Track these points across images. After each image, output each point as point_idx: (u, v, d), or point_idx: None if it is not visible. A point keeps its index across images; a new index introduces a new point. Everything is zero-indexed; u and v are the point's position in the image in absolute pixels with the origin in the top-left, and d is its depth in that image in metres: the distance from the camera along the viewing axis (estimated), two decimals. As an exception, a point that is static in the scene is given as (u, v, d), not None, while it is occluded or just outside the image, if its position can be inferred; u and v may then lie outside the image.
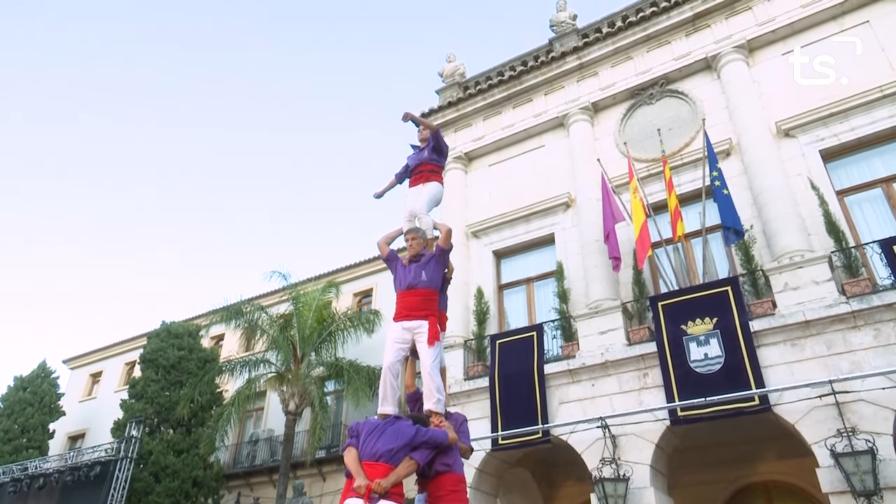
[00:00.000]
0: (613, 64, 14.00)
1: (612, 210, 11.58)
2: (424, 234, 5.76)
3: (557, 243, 13.12)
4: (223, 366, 18.70)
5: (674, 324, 10.14)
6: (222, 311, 18.10)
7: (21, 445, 21.83)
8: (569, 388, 11.05)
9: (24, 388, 23.34)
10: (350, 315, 18.41)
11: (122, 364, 27.66)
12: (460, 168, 15.39)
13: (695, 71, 13.06)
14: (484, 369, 12.17)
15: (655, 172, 12.29)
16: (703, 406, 9.33)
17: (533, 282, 13.38)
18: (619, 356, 10.66)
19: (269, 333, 17.99)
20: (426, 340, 5.15)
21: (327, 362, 17.84)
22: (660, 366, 10.10)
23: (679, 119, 12.78)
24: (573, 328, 11.70)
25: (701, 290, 10.29)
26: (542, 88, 14.78)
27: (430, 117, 15.83)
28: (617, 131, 13.49)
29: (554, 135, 14.48)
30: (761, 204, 10.84)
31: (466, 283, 13.74)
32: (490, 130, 15.26)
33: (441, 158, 6.44)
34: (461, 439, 4.97)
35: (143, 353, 20.53)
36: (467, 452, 5.01)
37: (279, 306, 20.66)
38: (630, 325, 11.21)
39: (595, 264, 12.01)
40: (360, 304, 21.95)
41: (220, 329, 21.11)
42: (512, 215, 13.84)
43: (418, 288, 5.35)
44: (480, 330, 12.79)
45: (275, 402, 20.56)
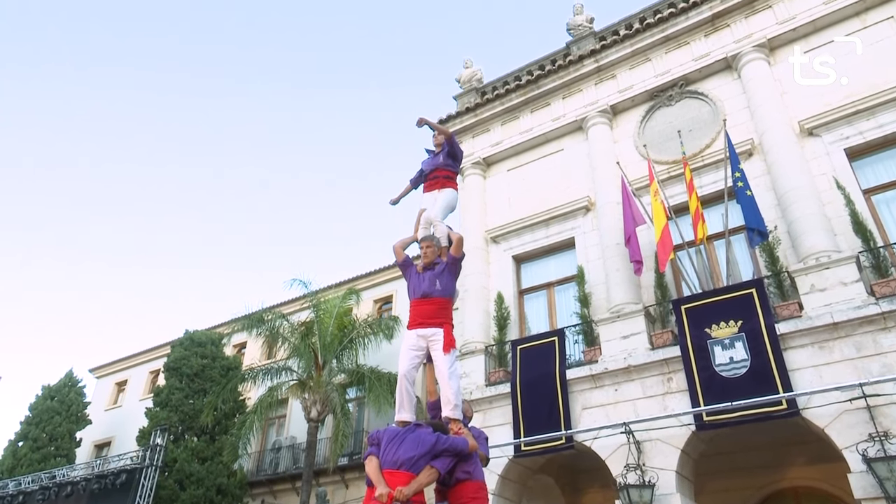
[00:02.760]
0: (632, 66, 13.92)
1: (632, 213, 11.52)
2: (439, 242, 5.76)
3: (578, 247, 13.06)
4: (245, 374, 18.83)
5: (698, 327, 10.04)
6: (244, 319, 18.24)
7: (49, 454, 22.18)
8: (591, 394, 10.98)
9: (52, 396, 23.73)
10: (370, 322, 18.46)
11: (146, 373, 27.99)
12: (479, 173, 15.39)
13: (715, 71, 12.94)
14: (505, 375, 12.13)
15: (676, 174, 12.19)
16: (730, 411, 9.23)
17: (553, 286, 13.33)
18: (643, 361, 10.58)
19: (291, 341, 18.10)
20: (441, 348, 5.17)
21: (348, 369, 17.90)
22: (684, 370, 10.01)
23: (699, 120, 12.67)
24: (595, 333, 11.64)
25: (725, 292, 10.19)
26: (560, 92, 14.75)
27: (447, 123, 15.87)
28: (636, 134, 13.41)
29: (573, 138, 14.43)
30: (785, 204, 10.70)
31: (486, 289, 13.72)
32: (508, 135, 15.25)
33: (456, 164, 6.45)
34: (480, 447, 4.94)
35: (166, 362, 20.77)
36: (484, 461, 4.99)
37: (300, 314, 20.77)
38: (653, 329, 11.11)
39: (616, 268, 11.93)
40: (381, 310, 22.02)
41: (243, 337, 21.27)
42: (531, 220, 13.81)
43: (433, 296, 5.39)
44: (501, 335, 12.76)
45: (297, 410, 20.65)
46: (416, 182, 6.73)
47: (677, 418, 9.82)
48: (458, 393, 5.12)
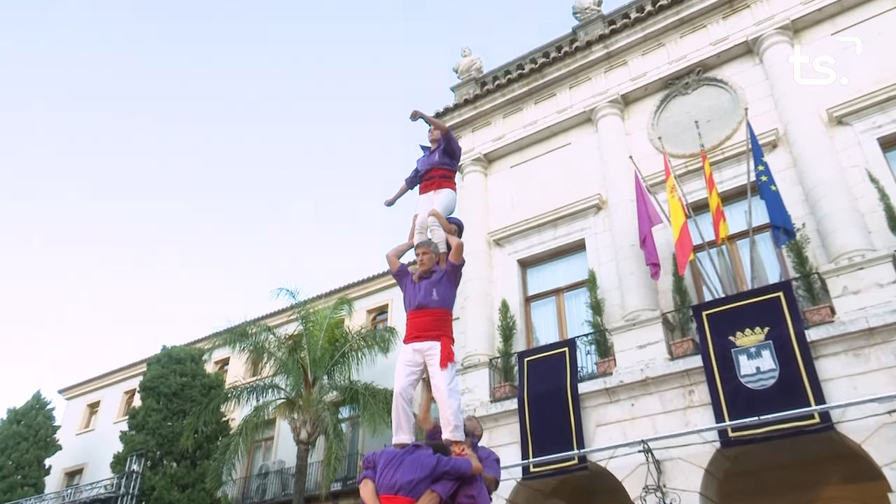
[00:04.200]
0: (644, 52, 13.94)
1: (647, 212, 11.51)
2: (437, 247, 5.74)
3: (589, 250, 13.04)
4: (229, 392, 18.80)
5: (721, 335, 10.01)
6: (226, 333, 18.20)
7: (16, 483, 22.11)
8: (606, 409, 10.95)
9: (18, 420, 23.66)
10: (364, 334, 18.43)
11: (121, 393, 27.92)
12: (479, 171, 15.39)
13: (734, 56, 12.94)
14: (512, 390, 12.09)
15: (694, 169, 12.18)
16: (757, 426, 9.19)
17: (563, 292, 13.30)
18: (661, 372, 10.55)
19: (278, 356, 18.06)
20: (439, 362, 5.15)
21: (341, 386, 17.86)
22: (706, 382, 9.98)
23: (718, 109, 12.67)
24: (609, 342, 11.61)
25: (749, 296, 10.16)
26: (567, 81, 14.75)
27: (444, 117, 15.87)
28: (650, 125, 13.41)
29: (581, 131, 14.43)
30: (814, 200, 10.69)
31: (490, 296, 13.70)
32: (511, 129, 15.25)
33: (453, 162, 6.44)
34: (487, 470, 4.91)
35: (143, 381, 20.73)
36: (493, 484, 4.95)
37: (287, 326, 20.74)
38: (672, 338, 11.08)
39: (631, 271, 11.91)
40: (375, 321, 21.98)
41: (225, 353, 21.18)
42: (537, 220, 13.79)
43: (430, 307, 5.38)
44: (506, 347, 12.73)
45: (285, 431, 20.57)
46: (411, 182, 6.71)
47: (700, 435, 9.78)
48: (458, 412, 5.09)
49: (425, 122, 6.48)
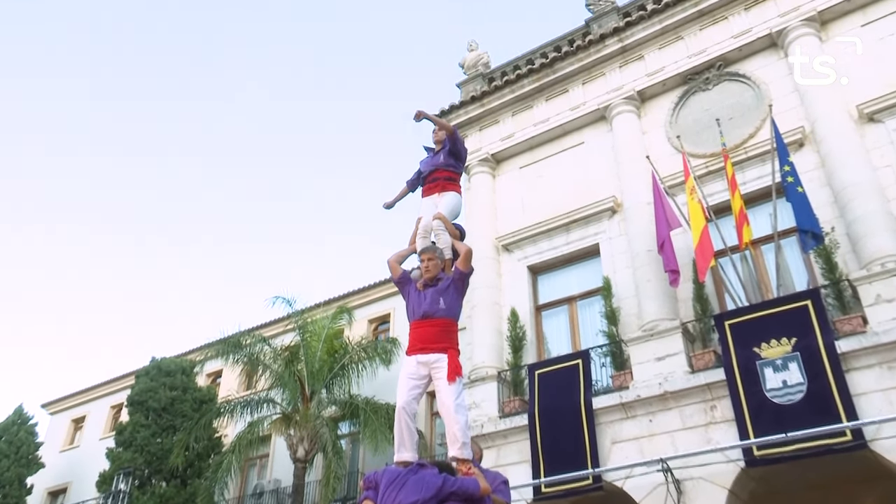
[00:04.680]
0: (661, 45, 13.94)
1: (665, 215, 11.50)
2: (442, 253, 5.73)
3: (603, 255, 13.03)
4: (221, 407, 18.79)
5: (744, 346, 9.98)
6: (219, 343, 18.21)
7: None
8: (622, 425, 10.92)
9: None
10: (365, 345, 18.42)
11: (107, 407, 27.95)
12: (487, 172, 15.40)
13: (758, 50, 12.93)
14: (522, 405, 12.06)
15: (715, 169, 12.16)
16: (784, 443, 9.15)
17: (576, 301, 13.28)
18: (681, 386, 10.52)
19: (273, 368, 18.07)
20: (445, 376, 5.12)
21: (340, 400, 17.86)
22: (730, 396, 9.95)
23: (741, 106, 12.65)
24: (625, 354, 11.58)
25: (775, 305, 10.13)
26: (580, 77, 14.76)
27: (449, 115, 15.89)
28: (668, 123, 13.40)
29: (595, 130, 14.43)
30: (843, 202, 10.66)
31: (498, 305, 13.69)
32: (520, 127, 15.26)
33: (458, 164, 6.46)
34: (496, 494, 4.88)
35: (130, 395, 20.74)
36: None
37: (284, 337, 20.74)
38: (692, 349, 11.06)
39: (648, 278, 11.89)
40: (377, 331, 21.97)
41: (217, 365, 21.22)
42: (549, 224, 13.79)
43: (435, 317, 5.37)
44: (516, 359, 12.72)
45: (281, 448, 20.53)
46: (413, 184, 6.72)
47: (723, 453, 9.73)
48: (465, 429, 5.08)
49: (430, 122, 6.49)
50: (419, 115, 6.39)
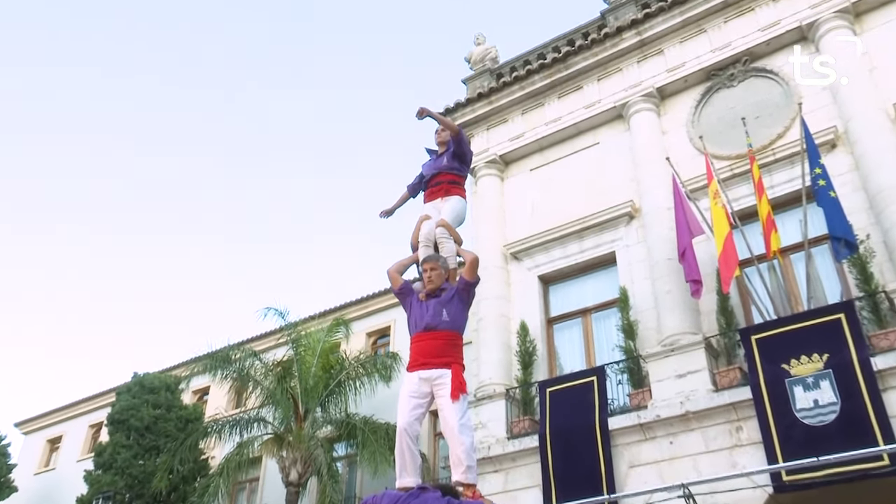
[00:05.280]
0: (683, 39, 13.96)
1: (687, 221, 11.50)
2: (446, 262, 5.75)
3: (620, 264, 13.03)
4: (209, 426, 18.82)
5: (772, 363, 9.96)
6: (206, 358, 18.21)
7: (-36, 529, 22.12)
8: (640, 448, 10.90)
9: (-32, 458, 23.70)
10: (363, 360, 18.44)
11: (86, 427, 27.99)
12: (495, 174, 15.42)
13: (786, 43, 12.92)
14: (532, 425, 12.05)
15: (741, 172, 12.16)
16: (816, 468, 9.09)
17: (590, 313, 13.29)
18: (704, 405, 10.50)
19: (264, 385, 18.07)
20: (449, 394, 5.13)
21: (336, 420, 17.86)
22: (757, 417, 9.93)
23: (769, 104, 12.65)
24: (643, 371, 11.58)
25: (806, 318, 10.11)
26: (595, 73, 14.79)
27: (455, 113, 15.93)
28: (690, 122, 13.41)
29: (611, 129, 14.45)
30: (880, 207, 10.65)
31: (506, 317, 13.69)
32: (531, 126, 15.28)
33: (464, 167, 6.51)
34: None
35: (111, 413, 20.76)
36: None
37: (276, 351, 20.75)
38: (716, 366, 11.04)
39: (668, 289, 11.88)
40: (376, 345, 22.00)
41: (205, 381, 21.24)
42: (561, 231, 13.79)
43: (438, 330, 5.38)
44: (526, 375, 12.71)
45: (272, 471, 20.49)
46: (414, 189, 6.74)
47: (749, 478, 9.65)
48: (471, 451, 5.08)
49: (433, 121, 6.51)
50: (422, 113, 6.42)
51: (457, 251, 5.91)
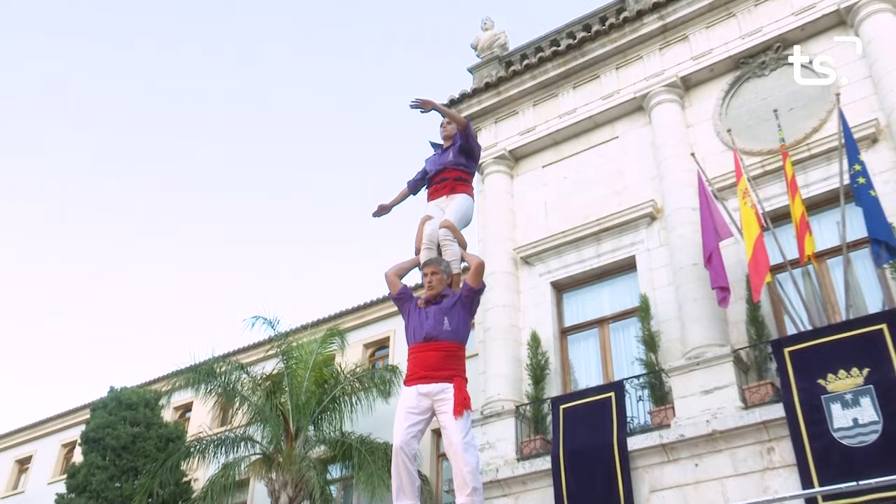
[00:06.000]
0: (709, 24, 13.96)
1: (714, 222, 11.48)
2: (448, 267, 5.75)
3: (640, 270, 13.05)
4: (191, 446, 18.80)
5: (807, 378, 9.94)
6: (189, 371, 18.23)
7: (-74, 558, 22.16)
8: (663, 470, 10.90)
9: (-69, 479, 23.76)
10: (360, 374, 18.44)
11: (57, 446, 28.01)
12: (504, 171, 15.45)
13: (823, 29, 12.93)
14: (544, 445, 12.05)
15: (773, 169, 12.16)
16: (855, 493, 8.99)
17: (608, 323, 13.31)
18: (733, 424, 10.48)
19: (252, 401, 18.07)
20: (451, 410, 5.13)
21: (331, 439, 17.86)
22: (790, 437, 9.91)
23: (803, 95, 12.62)
24: (666, 386, 11.58)
25: (844, 329, 10.09)
26: (613, 61, 14.81)
27: (460, 105, 15.96)
28: (717, 114, 13.42)
29: (630, 122, 14.47)
30: (925, 208, 10.61)
31: (516, 327, 13.70)
32: (543, 119, 15.30)
33: (471, 162, 6.54)
34: None
35: (85, 431, 20.75)
36: None
37: (265, 364, 20.79)
38: (746, 381, 11.03)
39: (693, 297, 11.87)
40: (373, 358, 22.02)
41: (187, 396, 21.23)
42: (576, 233, 13.80)
43: (440, 340, 5.40)
44: (537, 391, 12.72)
45: (261, 495, 20.50)
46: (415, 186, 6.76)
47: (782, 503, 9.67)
48: (476, 472, 5.09)
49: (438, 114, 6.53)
50: (426, 106, 6.43)
51: (461, 255, 5.91)
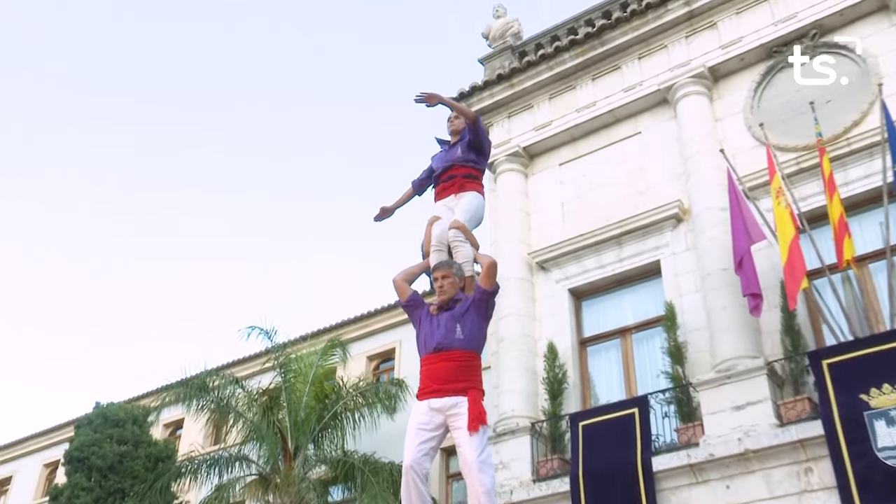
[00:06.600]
0: (739, 9, 13.94)
1: (745, 224, 11.46)
2: (460, 269, 5.74)
3: (665, 276, 13.05)
4: (182, 466, 18.85)
5: (848, 392, 9.92)
6: (179, 386, 18.29)
7: None
8: (691, 493, 10.88)
9: None
10: (363, 388, 18.50)
11: (39, 466, 28.17)
12: (517, 170, 15.47)
13: (863, 14, 12.90)
14: (562, 465, 12.05)
15: (809, 166, 12.14)
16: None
17: (630, 333, 13.31)
18: (767, 443, 10.44)
19: (248, 417, 18.13)
20: (466, 425, 5.12)
21: (332, 458, 17.90)
22: (830, 457, 9.88)
23: (842, 86, 12.57)
24: (694, 402, 11.56)
25: (888, 339, 10.07)
26: (635, 50, 14.81)
27: (470, 99, 15.97)
28: (748, 107, 13.40)
29: (654, 116, 14.47)
30: (974, 208, 10.57)
31: (531, 338, 13.72)
32: (560, 114, 15.30)
33: (481, 159, 6.55)
34: None
35: (68, 450, 20.81)
36: None
37: (261, 377, 20.85)
38: (781, 396, 11.00)
39: (723, 305, 11.85)
40: (378, 371, 22.07)
41: (178, 412, 21.30)
42: (596, 236, 13.80)
43: (453, 350, 5.39)
44: (554, 407, 12.71)
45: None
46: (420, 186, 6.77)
47: (822, 529, 9.65)
48: (492, 493, 5.11)
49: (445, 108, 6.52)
50: (432, 100, 6.43)
51: (474, 256, 5.89)
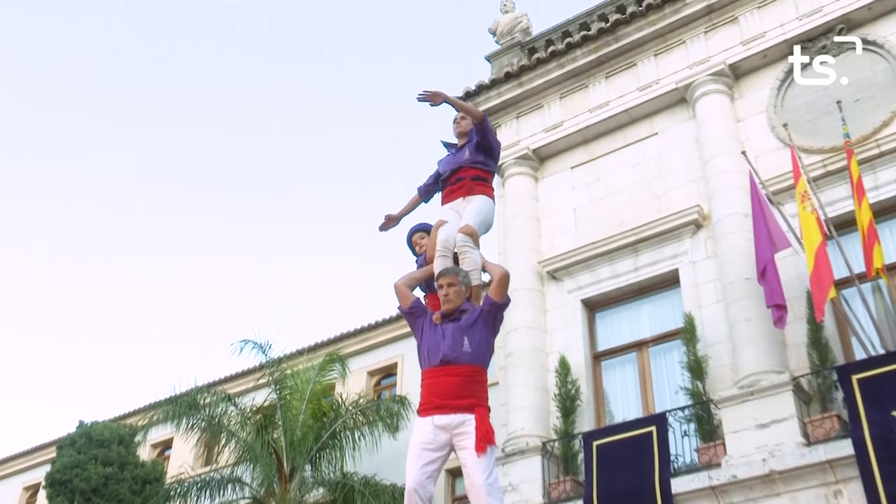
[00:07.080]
0: (762, 4, 13.98)
1: (769, 231, 11.46)
2: (467, 277, 5.72)
3: (684, 285, 13.05)
4: (171, 489, 18.85)
5: (879, 409, 9.87)
6: (168, 403, 18.31)
7: None
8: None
9: None
10: (363, 405, 18.48)
11: (19, 489, 28.22)
12: (527, 173, 15.49)
13: (893, 8, 12.90)
14: (575, 488, 12.04)
15: (836, 170, 12.14)
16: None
17: (647, 346, 13.31)
18: (793, 463, 10.42)
19: (241, 437, 18.11)
20: (473, 445, 5.09)
21: (330, 480, 17.89)
22: (860, 478, 9.82)
23: (871, 84, 12.63)
24: (715, 419, 11.55)
25: (921, 353, 10.05)
26: (652, 46, 14.83)
27: (477, 98, 16.00)
28: (771, 107, 13.41)
29: (672, 116, 14.48)
30: None
31: (542, 352, 13.71)
32: (572, 114, 15.33)
33: (490, 161, 6.54)
34: None
35: (50, 472, 20.80)
36: None
37: (255, 394, 20.81)
38: (808, 413, 10.99)
39: (746, 317, 11.83)
40: (378, 387, 22.05)
41: (167, 432, 21.32)
42: (610, 243, 13.81)
43: (459, 364, 5.35)
44: (567, 425, 12.71)
45: (251, 544, 20.56)
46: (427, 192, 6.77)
47: (852, 555, 9.62)
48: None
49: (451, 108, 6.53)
50: (436, 98, 6.44)
51: (483, 264, 5.88)
